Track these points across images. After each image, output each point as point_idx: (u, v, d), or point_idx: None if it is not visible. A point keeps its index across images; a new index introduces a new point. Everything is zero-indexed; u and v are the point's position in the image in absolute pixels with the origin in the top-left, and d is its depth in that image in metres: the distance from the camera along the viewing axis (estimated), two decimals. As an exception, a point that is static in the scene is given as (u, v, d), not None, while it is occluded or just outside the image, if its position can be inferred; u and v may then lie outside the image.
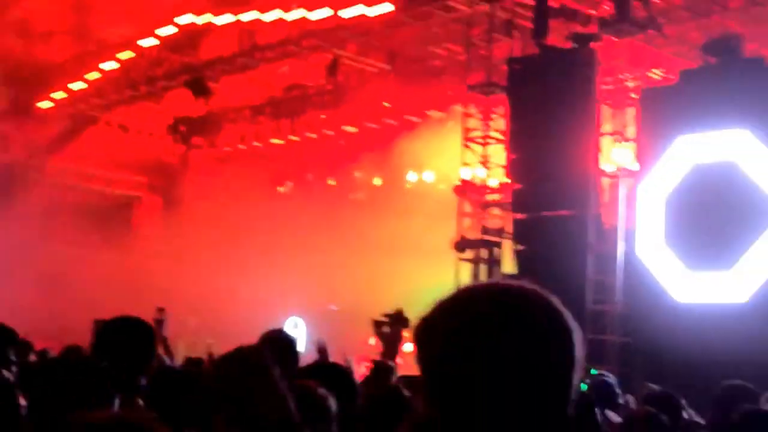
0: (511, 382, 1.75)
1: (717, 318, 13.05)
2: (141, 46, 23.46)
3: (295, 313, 22.85)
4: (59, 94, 25.03)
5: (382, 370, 7.71)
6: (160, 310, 8.74)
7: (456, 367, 1.77)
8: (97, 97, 24.69)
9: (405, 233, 21.76)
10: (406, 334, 9.58)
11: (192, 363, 9.81)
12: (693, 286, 13.76)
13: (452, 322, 1.81)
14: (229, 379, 2.78)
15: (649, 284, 13.98)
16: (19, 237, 23.64)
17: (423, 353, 1.84)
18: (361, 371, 9.12)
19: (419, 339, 1.85)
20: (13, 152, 26.50)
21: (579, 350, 1.81)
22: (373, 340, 19.77)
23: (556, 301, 1.82)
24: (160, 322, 8.35)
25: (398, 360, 9.02)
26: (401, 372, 8.37)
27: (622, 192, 14.76)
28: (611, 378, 7.89)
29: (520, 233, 15.77)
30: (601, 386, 7.25)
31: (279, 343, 5.68)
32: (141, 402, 4.22)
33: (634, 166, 14.91)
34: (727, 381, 6.77)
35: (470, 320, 1.79)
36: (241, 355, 2.82)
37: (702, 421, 6.90)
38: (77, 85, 24.57)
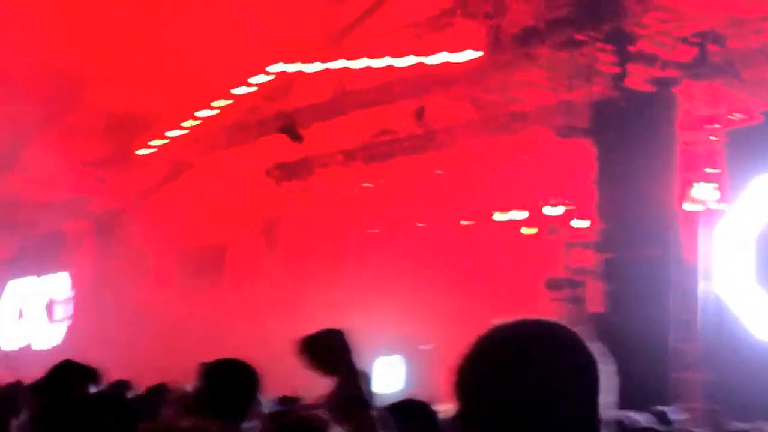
0: (540, 414, 1.86)
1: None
2: (235, 94, 24.24)
3: (390, 352, 23.21)
4: (158, 141, 25.92)
5: None
6: None
7: (488, 404, 1.89)
8: (194, 143, 25.46)
9: (493, 272, 22.08)
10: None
11: (285, 401, 10.29)
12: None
13: (481, 361, 1.95)
14: None
15: (733, 322, 14.16)
16: (125, 280, 24.58)
17: (459, 390, 1.97)
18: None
19: (456, 378, 1.98)
20: (114, 198, 27.54)
21: (602, 381, 1.90)
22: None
23: (578, 334, 1.96)
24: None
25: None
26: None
27: (703, 231, 15.00)
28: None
29: (609, 272, 16.07)
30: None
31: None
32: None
33: (717, 205, 15.16)
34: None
35: (499, 358, 1.93)
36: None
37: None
38: (175, 133, 25.45)
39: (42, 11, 22.07)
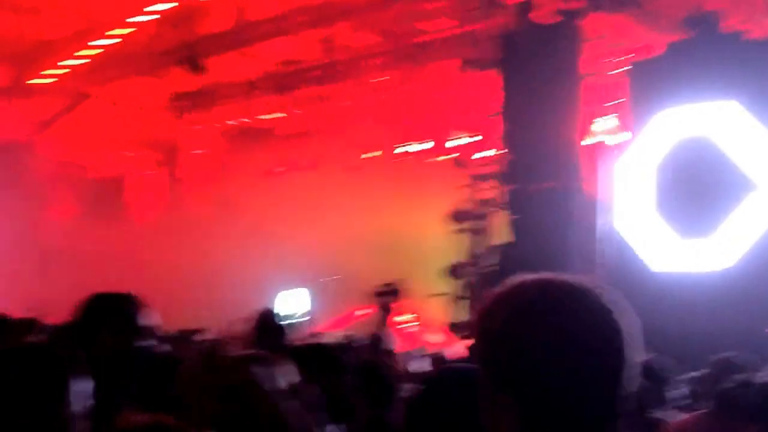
0: (555, 377, 1.86)
1: (698, 286, 13.53)
2: (135, 23, 23.61)
3: (299, 285, 23.25)
4: (53, 71, 25.21)
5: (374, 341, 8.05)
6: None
7: (506, 359, 1.89)
8: (91, 73, 24.83)
9: (403, 204, 22.15)
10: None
11: (184, 335, 10.21)
12: (679, 255, 14.20)
13: (502, 316, 1.93)
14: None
15: (631, 254, 14.43)
16: (17, 213, 23.98)
17: (478, 343, 1.97)
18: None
19: (475, 330, 1.98)
20: (8, 129, 26.76)
21: (631, 350, 1.92)
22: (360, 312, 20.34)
23: (611, 298, 1.95)
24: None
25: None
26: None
27: (603, 165, 15.19)
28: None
29: (515, 203, 16.19)
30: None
31: (266, 319, 5.97)
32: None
33: (620, 138, 15.35)
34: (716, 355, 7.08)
35: (518, 315, 1.91)
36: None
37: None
38: (71, 62, 24.75)
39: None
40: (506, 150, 16.33)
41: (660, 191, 14.42)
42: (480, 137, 17.97)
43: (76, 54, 24.58)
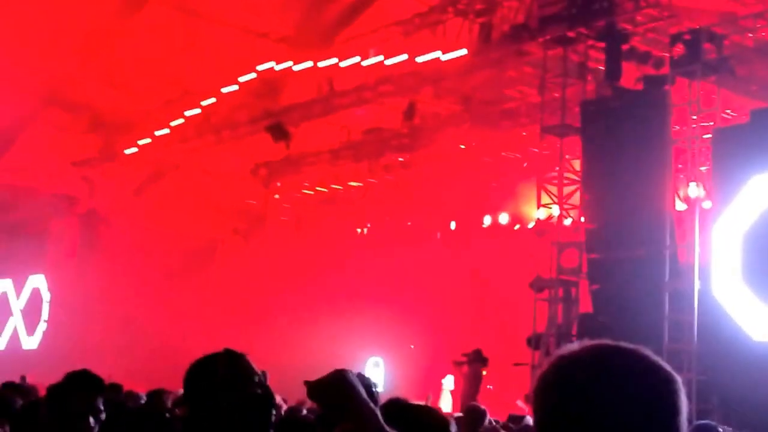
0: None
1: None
2: (223, 93, 24.08)
3: (375, 354, 23.12)
4: (144, 141, 25.74)
5: (473, 412, 7.82)
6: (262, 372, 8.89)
7: (567, 424, 1.92)
8: (181, 142, 25.31)
9: (483, 275, 22.00)
10: (484, 372, 9.82)
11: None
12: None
13: (561, 383, 1.97)
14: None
15: (725, 322, 14.00)
16: (105, 279, 24.38)
17: (539, 408, 2.00)
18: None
19: (536, 395, 2.01)
20: (100, 197, 27.33)
21: (682, 398, 1.93)
22: (448, 380, 20.07)
23: (651, 355, 1.97)
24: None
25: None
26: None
27: (697, 231, 14.84)
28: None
29: (596, 273, 15.92)
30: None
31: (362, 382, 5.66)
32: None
33: (707, 205, 15.03)
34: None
35: (579, 380, 1.94)
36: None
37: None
38: (162, 132, 25.27)
39: (29, 11, 21.86)
40: (588, 217, 16.11)
41: (746, 258, 14.04)
42: (560, 205, 17.76)
43: (167, 124, 25.12)
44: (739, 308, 13.94)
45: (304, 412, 9.28)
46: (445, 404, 19.19)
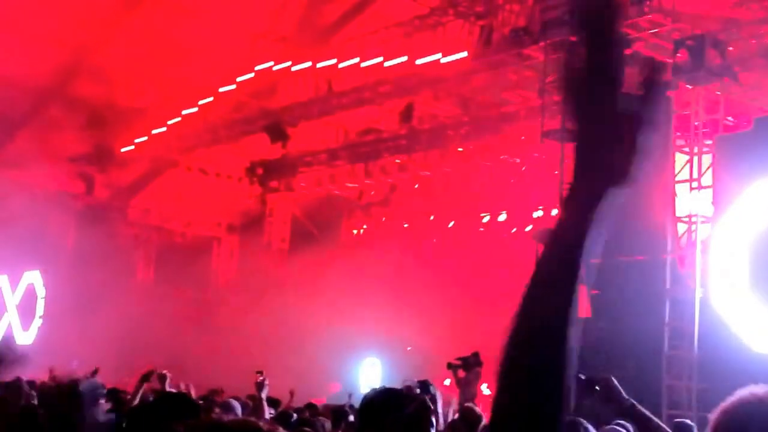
0: None
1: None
2: (221, 92, 24.02)
3: (373, 353, 23.04)
4: (141, 139, 25.67)
5: (470, 415, 7.76)
6: (260, 372, 8.88)
7: None
8: (177, 140, 25.23)
9: (478, 275, 21.89)
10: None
11: (270, 403, 10.04)
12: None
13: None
14: None
15: (727, 331, 13.91)
16: (103, 274, 24.27)
17: None
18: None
19: None
20: (97, 194, 27.24)
21: None
22: (448, 382, 19.97)
23: None
24: (260, 385, 8.50)
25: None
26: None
27: (698, 237, 14.77)
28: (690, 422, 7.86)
29: (595, 278, 15.83)
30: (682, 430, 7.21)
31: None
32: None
33: (709, 211, 14.95)
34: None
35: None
36: None
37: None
38: (159, 130, 25.20)
39: (29, 8, 21.77)
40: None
41: (754, 267, 13.94)
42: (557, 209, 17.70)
43: (164, 122, 25.05)
44: (739, 317, 13.87)
45: (294, 417, 9.23)
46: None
